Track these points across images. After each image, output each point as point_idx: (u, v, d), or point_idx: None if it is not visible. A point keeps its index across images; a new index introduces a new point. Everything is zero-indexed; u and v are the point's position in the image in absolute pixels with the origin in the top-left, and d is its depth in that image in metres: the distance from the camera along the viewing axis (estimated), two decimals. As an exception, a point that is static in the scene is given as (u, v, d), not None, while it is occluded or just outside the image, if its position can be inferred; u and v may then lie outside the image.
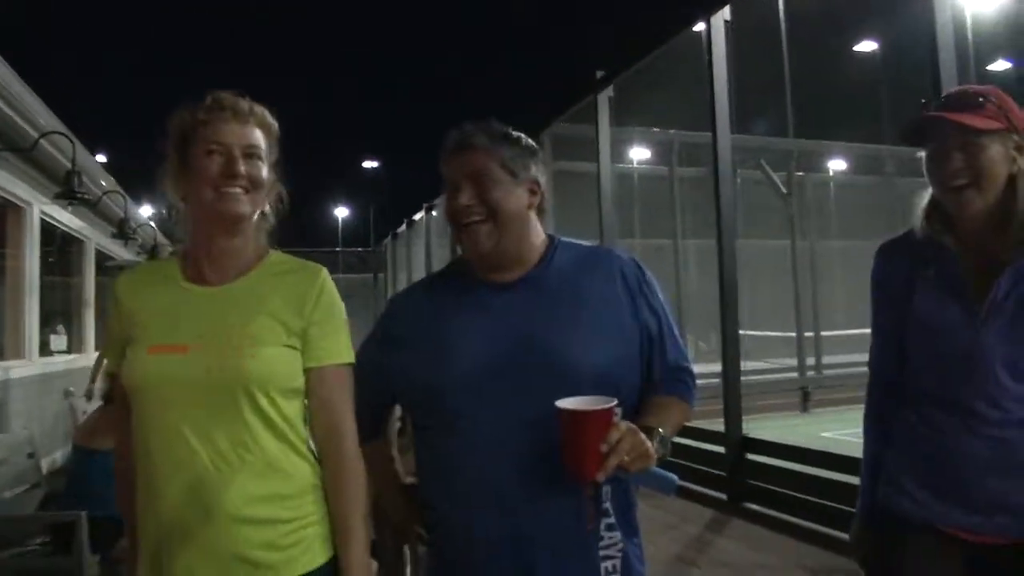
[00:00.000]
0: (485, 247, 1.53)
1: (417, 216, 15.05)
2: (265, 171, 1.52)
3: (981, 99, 1.59)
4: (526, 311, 1.55)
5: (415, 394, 1.60)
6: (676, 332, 1.66)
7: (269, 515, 1.41)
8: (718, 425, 5.96)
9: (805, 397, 11.49)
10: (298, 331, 1.48)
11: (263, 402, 1.42)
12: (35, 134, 6.34)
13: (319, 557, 1.46)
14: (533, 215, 1.60)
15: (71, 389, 8.30)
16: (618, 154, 8.82)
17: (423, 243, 14.64)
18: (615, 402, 1.37)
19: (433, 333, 1.58)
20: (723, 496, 5.68)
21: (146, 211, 12.85)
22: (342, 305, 1.56)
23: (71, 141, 6.67)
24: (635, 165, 13.64)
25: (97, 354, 10.03)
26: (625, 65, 7.45)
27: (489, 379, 1.50)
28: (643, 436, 1.37)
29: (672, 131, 10.61)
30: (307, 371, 1.49)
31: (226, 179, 1.47)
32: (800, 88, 15.03)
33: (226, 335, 1.43)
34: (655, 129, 10.65)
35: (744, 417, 5.87)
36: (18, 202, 7.00)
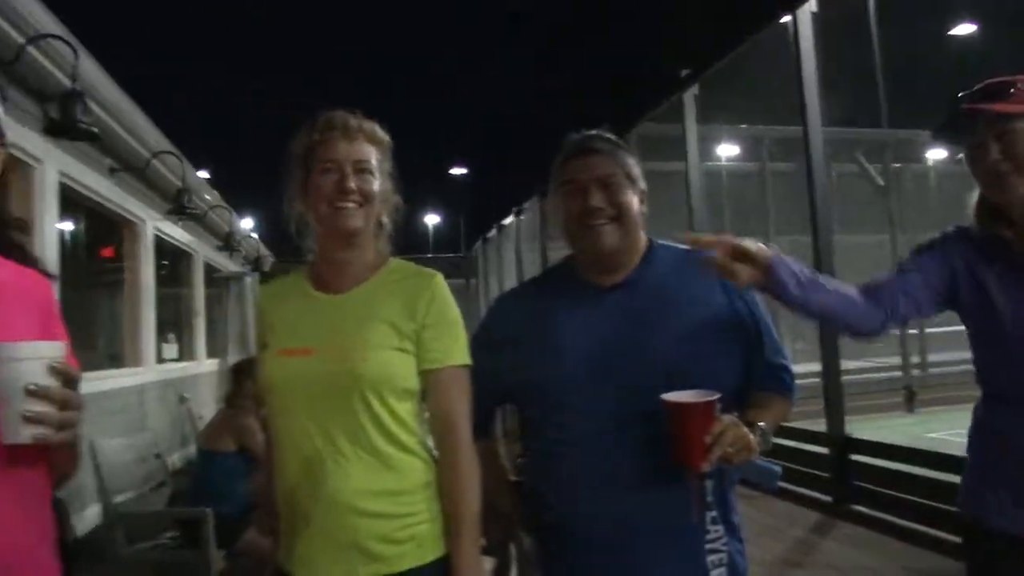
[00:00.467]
0: (611, 246, 1.61)
1: (507, 220, 15.18)
2: (377, 184, 1.61)
3: (1008, 86, 1.58)
4: (629, 311, 1.62)
5: (524, 391, 1.68)
6: (773, 331, 1.70)
7: (381, 509, 1.50)
8: (820, 426, 5.83)
9: (910, 396, 11.04)
10: (411, 335, 1.56)
11: (376, 402, 1.51)
12: (147, 154, 6.74)
13: (430, 553, 1.53)
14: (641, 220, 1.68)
15: (186, 396, 8.77)
16: (705, 152, 8.73)
17: (513, 247, 14.76)
18: (718, 395, 1.42)
19: (541, 332, 1.66)
20: (827, 498, 5.56)
21: (247, 223, 13.42)
22: (456, 309, 1.62)
23: (180, 160, 7.07)
24: (723, 162, 13.42)
25: (209, 361, 10.57)
26: (710, 62, 7.38)
27: (594, 376, 1.57)
28: (745, 429, 1.42)
29: (761, 126, 10.41)
30: (422, 373, 1.57)
31: (339, 195, 1.57)
32: (894, 76, 14.49)
33: (344, 339, 1.54)
34: (743, 125, 10.48)
35: (847, 417, 5.73)
36: (134, 218, 7.44)
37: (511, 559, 1.91)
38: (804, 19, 5.75)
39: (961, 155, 1.68)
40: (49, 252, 5.15)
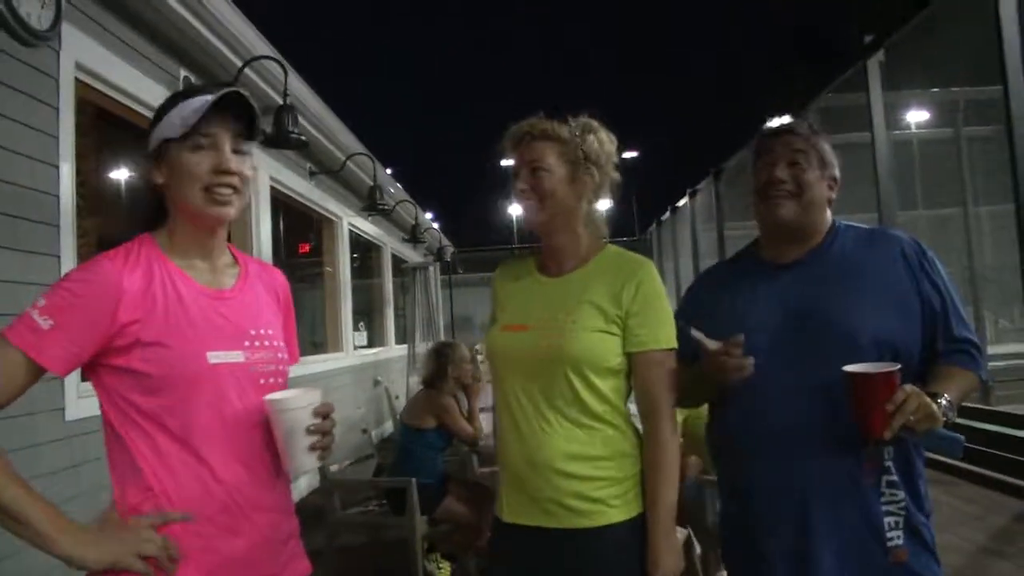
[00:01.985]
0: (785, 218, 1.71)
1: (681, 203, 14.99)
2: (550, 180, 1.74)
3: None
4: (810, 285, 1.70)
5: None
6: (960, 308, 1.71)
7: (577, 471, 1.67)
8: (1026, 409, 5.47)
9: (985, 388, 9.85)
10: (616, 319, 1.71)
11: (577, 378, 1.68)
12: (342, 156, 7.31)
13: (624, 513, 1.68)
14: (827, 205, 1.76)
15: (379, 379, 9.44)
16: (892, 120, 8.25)
17: (688, 228, 14.55)
18: (898, 366, 1.47)
19: (726, 310, 1.78)
20: (1038, 486, 5.22)
21: (427, 216, 14.05)
22: (663, 295, 1.74)
23: (371, 160, 7.60)
24: (913, 130, 12.52)
25: (398, 347, 11.25)
26: (896, 26, 6.99)
27: (775, 346, 1.66)
28: (928, 399, 1.46)
29: (955, 89, 9.65)
30: (629, 355, 1.71)
31: (519, 196, 1.78)
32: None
33: (555, 318, 1.72)
34: (934, 89, 9.75)
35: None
36: (331, 216, 8.08)
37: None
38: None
39: None
40: (265, 249, 5.75)
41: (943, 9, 6.67)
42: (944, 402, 1.51)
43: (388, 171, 10.40)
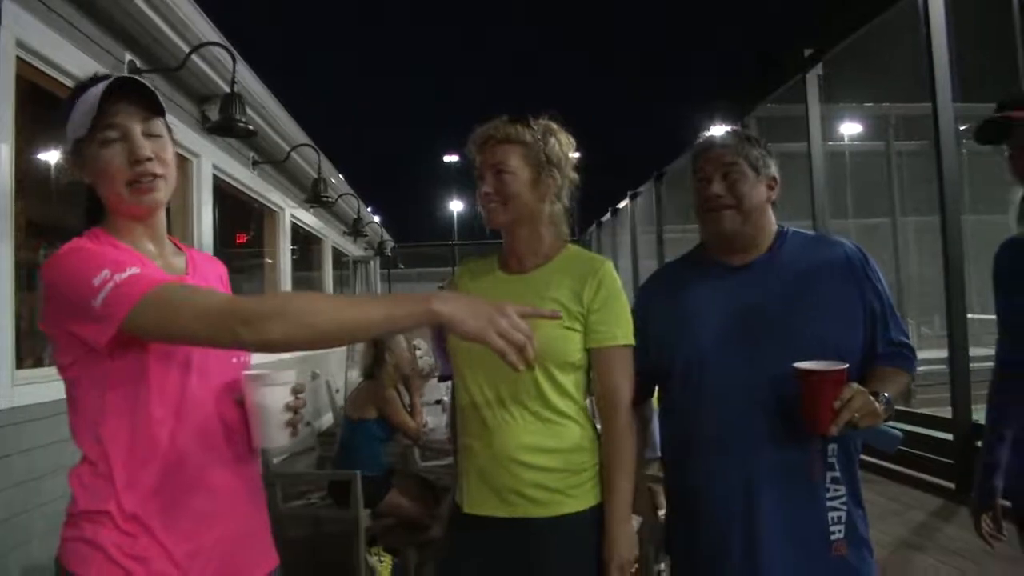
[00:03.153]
0: (728, 229, 1.77)
1: (621, 204, 15.17)
2: (515, 183, 1.79)
3: None
4: (758, 288, 1.77)
5: (665, 366, 1.85)
6: (896, 313, 1.81)
7: (538, 463, 1.73)
8: (946, 413, 5.70)
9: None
10: (578, 315, 1.77)
11: (539, 373, 1.73)
12: (287, 147, 7.22)
13: (584, 503, 1.75)
14: (769, 207, 1.82)
15: (317, 371, 9.33)
16: (827, 131, 8.52)
17: (628, 230, 14.74)
18: (847, 365, 1.56)
19: (677, 310, 1.84)
20: (950, 484, 5.47)
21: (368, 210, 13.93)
22: (622, 294, 1.80)
23: (316, 152, 7.52)
24: (845, 142, 12.94)
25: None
26: (835, 41, 7.21)
27: (726, 345, 1.74)
28: (871, 396, 1.55)
29: (886, 104, 10.02)
30: (588, 351, 1.77)
31: (484, 198, 1.82)
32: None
33: None
34: (868, 104, 10.11)
35: (975, 406, 5.57)
36: (273, 207, 7.97)
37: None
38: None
39: None
40: (206, 238, 5.65)
41: (879, 28, 6.92)
42: (883, 400, 1.60)
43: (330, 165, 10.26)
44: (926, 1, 5.61)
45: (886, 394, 1.62)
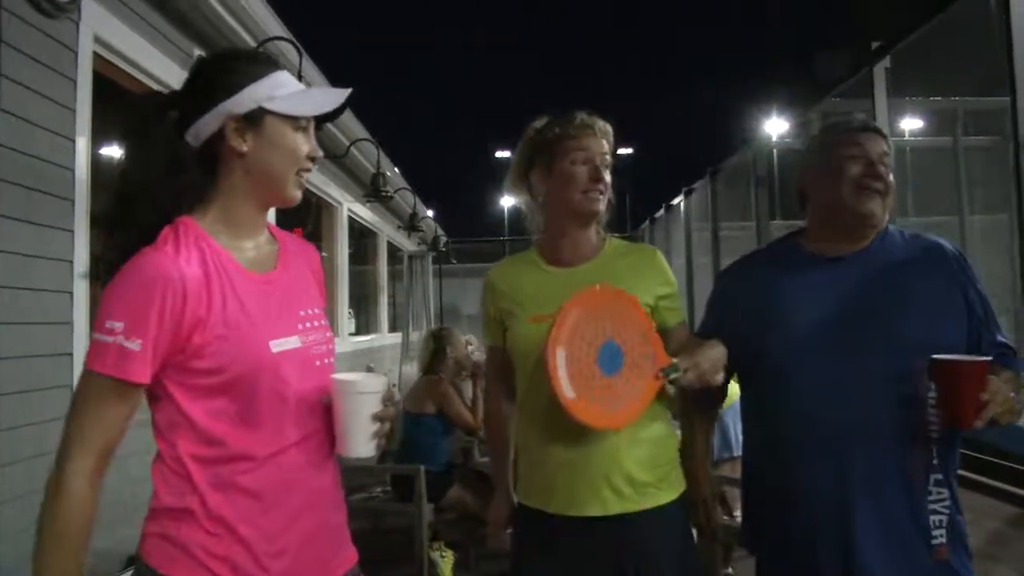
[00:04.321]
0: (875, 212, 1.71)
1: (675, 200, 15.01)
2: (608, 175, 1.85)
3: None
4: (861, 281, 1.71)
5: (755, 361, 1.79)
6: (995, 316, 1.74)
7: (641, 455, 1.79)
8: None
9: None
10: (651, 301, 1.82)
11: None
12: (347, 142, 7.27)
13: (675, 492, 1.84)
14: None
15: (371, 365, 9.41)
16: (889, 127, 8.28)
17: (682, 226, 14.57)
18: (990, 358, 1.50)
19: (771, 303, 1.78)
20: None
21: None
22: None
23: (375, 146, 7.56)
24: (907, 138, 12.60)
25: (391, 335, 11.22)
26: (904, 33, 7.01)
27: (826, 340, 1.67)
28: (1013, 393, 1.50)
29: (955, 99, 9.70)
30: (665, 331, 1.82)
31: (593, 183, 1.82)
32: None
33: None
34: (936, 98, 9.81)
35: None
36: (332, 201, 8.04)
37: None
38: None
39: None
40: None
41: (947, 20, 6.70)
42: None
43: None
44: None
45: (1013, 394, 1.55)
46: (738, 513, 3.28)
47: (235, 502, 1.28)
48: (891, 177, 1.72)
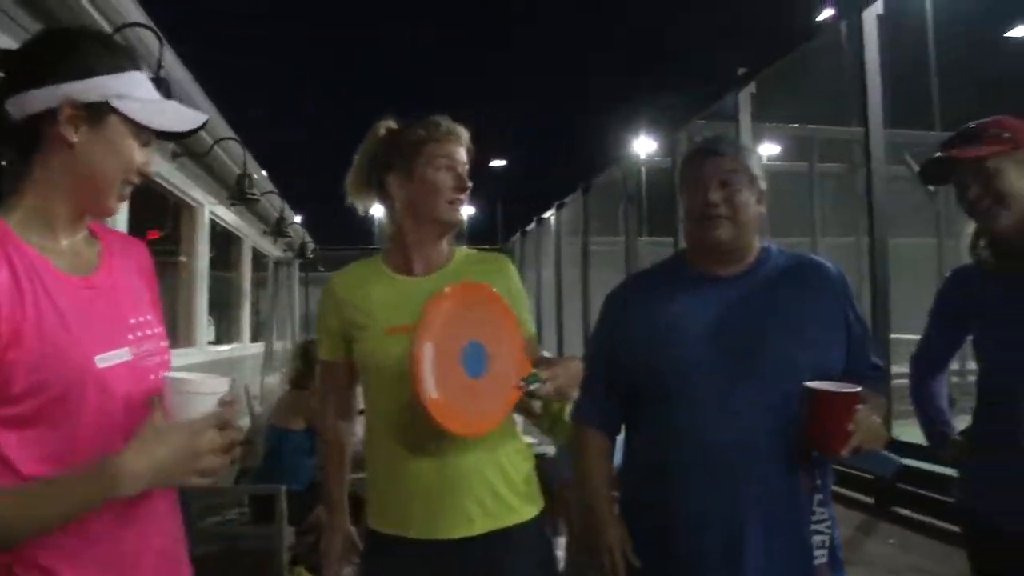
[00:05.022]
0: (722, 240, 1.69)
1: (547, 214, 15.23)
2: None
3: (980, 130, 1.76)
4: (740, 304, 1.70)
5: (636, 376, 1.76)
6: (870, 336, 1.79)
7: (498, 472, 1.72)
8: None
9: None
10: None
11: None
12: (211, 140, 6.88)
13: (532, 511, 1.79)
14: (758, 222, 1.77)
15: (234, 377, 8.95)
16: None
17: (553, 239, 14.81)
18: (860, 388, 1.50)
19: (654, 319, 1.74)
20: (870, 500, 5.59)
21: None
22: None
23: (241, 146, 7.21)
24: (765, 162, 13.18)
25: (254, 344, 10.75)
26: (769, 61, 7.37)
27: (712, 362, 1.65)
28: (878, 420, 1.50)
29: (811, 126, 10.33)
30: None
31: (457, 191, 1.74)
32: (948, 79, 14.31)
33: None
34: (794, 125, 10.40)
35: (895, 421, 5.72)
36: (193, 203, 7.60)
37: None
38: (871, 21, 5.72)
39: None
40: (120, 229, 5.30)
41: (799, 54, 7.10)
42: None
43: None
44: (862, 27, 5.73)
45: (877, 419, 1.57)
46: None
47: (60, 543, 1.10)
48: (741, 195, 1.69)
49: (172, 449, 1.08)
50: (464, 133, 1.81)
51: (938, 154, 1.84)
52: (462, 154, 1.79)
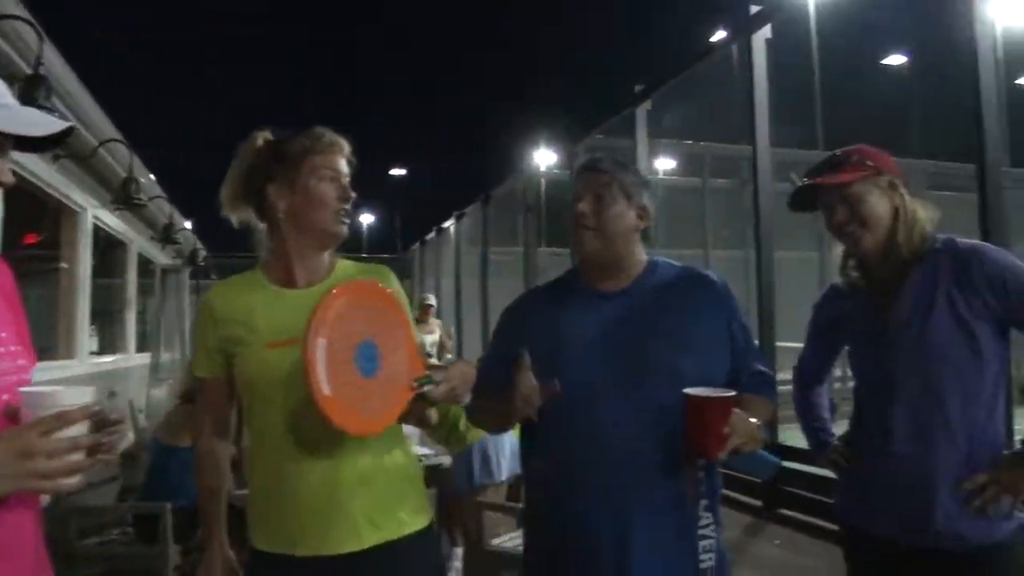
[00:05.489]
0: (587, 249, 1.77)
1: (447, 224, 15.22)
2: None
3: (844, 157, 1.89)
4: (628, 317, 1.76)
5: None
6: (755, 344, 1.87)
7: (383, 484, 1.70)
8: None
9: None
10: None
11: None
12: (95, 141, 6.55)
13: (421, 523, 1.77)
14: (638, 235, 1.82)
15: (116, 390, 8.53)
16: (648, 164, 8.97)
17: (453, 250, 14.82)
18: (735, 392, 1.56)
19: (545, 335, 1.78)
20: (758, 502, 5.81)
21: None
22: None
23: (128, 149, 6.90)
24: (660, 176, 13.70)
25: (140, 355, 10.27)
26: (664, 79, 7.60)
27: (601, 373, 1.70)
28: (754, 422, 1.57)
29: (703, 143, 10.72)
30: None
31: (343, 203, 1.74)
32: (830, 101, 15.11)
33: None
34: (688, 141, 10.77)
35: (781, 426, 5.97)
36: (74, 206, 7.21)
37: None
38: (759, 45, 5.99)
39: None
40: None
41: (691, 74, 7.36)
42: (759, 427, 1.63)
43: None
44: (751, 50, 5.99)
45: (756, 420, 1.64)
46: (498, 539, 3.33)
47: None
48: (611, 208, 1.76)
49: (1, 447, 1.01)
50: (346, 145, 1.80)
51: (805, 180, 1.94)
52: (344, 166, 1.78)
